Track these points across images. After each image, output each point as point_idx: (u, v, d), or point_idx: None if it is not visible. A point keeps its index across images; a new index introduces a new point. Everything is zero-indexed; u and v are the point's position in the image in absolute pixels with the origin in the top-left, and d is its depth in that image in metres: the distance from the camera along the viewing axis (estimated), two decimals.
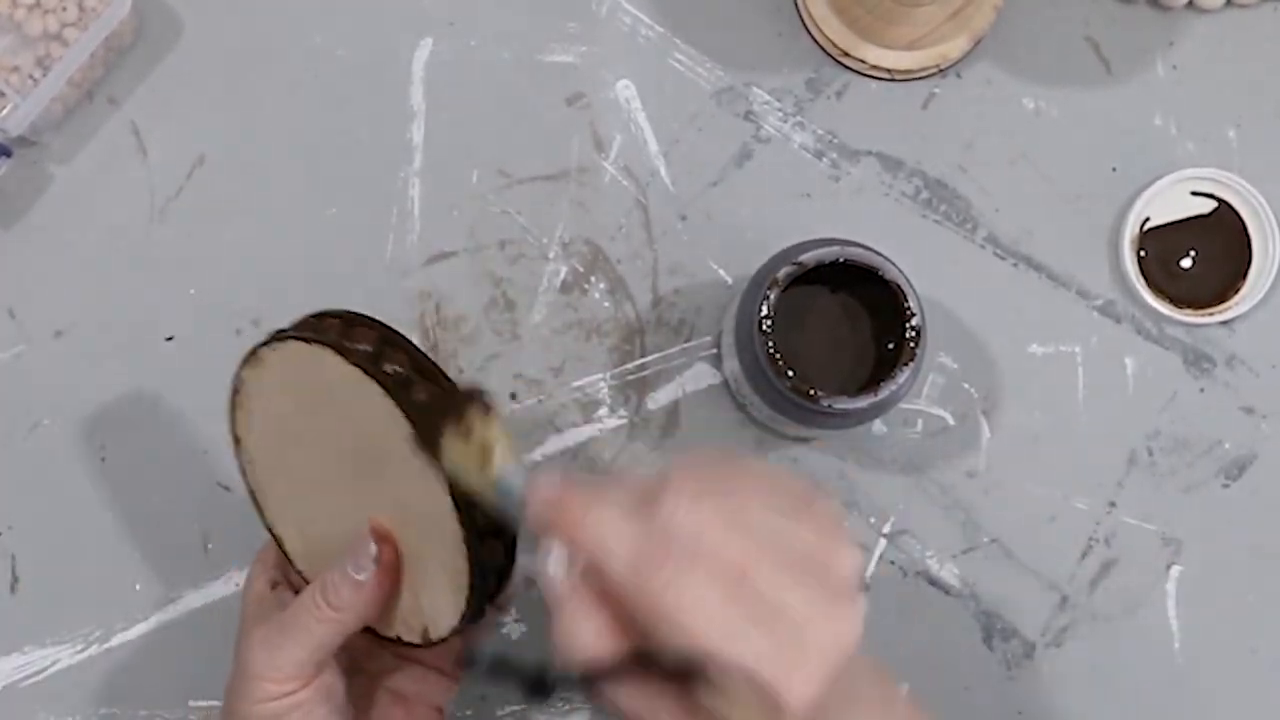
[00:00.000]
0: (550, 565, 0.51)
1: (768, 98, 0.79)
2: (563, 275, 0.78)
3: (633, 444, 0.77)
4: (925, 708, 0.56)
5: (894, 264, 0.68)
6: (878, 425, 0.78)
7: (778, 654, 0.49)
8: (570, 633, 0.50)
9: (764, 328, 0.68)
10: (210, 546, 0.76)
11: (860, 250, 0.68)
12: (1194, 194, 0.79)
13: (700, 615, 0.48)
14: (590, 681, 0.50)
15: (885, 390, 0.67)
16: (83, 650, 0.76)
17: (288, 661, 0.60)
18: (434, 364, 0.61)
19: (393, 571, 0.61)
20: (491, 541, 0.59)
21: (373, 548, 0.60)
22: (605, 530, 0.50)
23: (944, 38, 0.78)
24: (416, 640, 0.62)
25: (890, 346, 0.71)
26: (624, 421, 0.78)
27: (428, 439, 0.56)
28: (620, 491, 0.51)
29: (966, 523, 0.78)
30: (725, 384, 0.78)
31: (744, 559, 0.49)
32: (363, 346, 0.60)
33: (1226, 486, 0.79)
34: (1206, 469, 0.79)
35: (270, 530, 0.65)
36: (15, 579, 0.76)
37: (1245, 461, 0.79)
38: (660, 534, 0.49)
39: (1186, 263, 0.79)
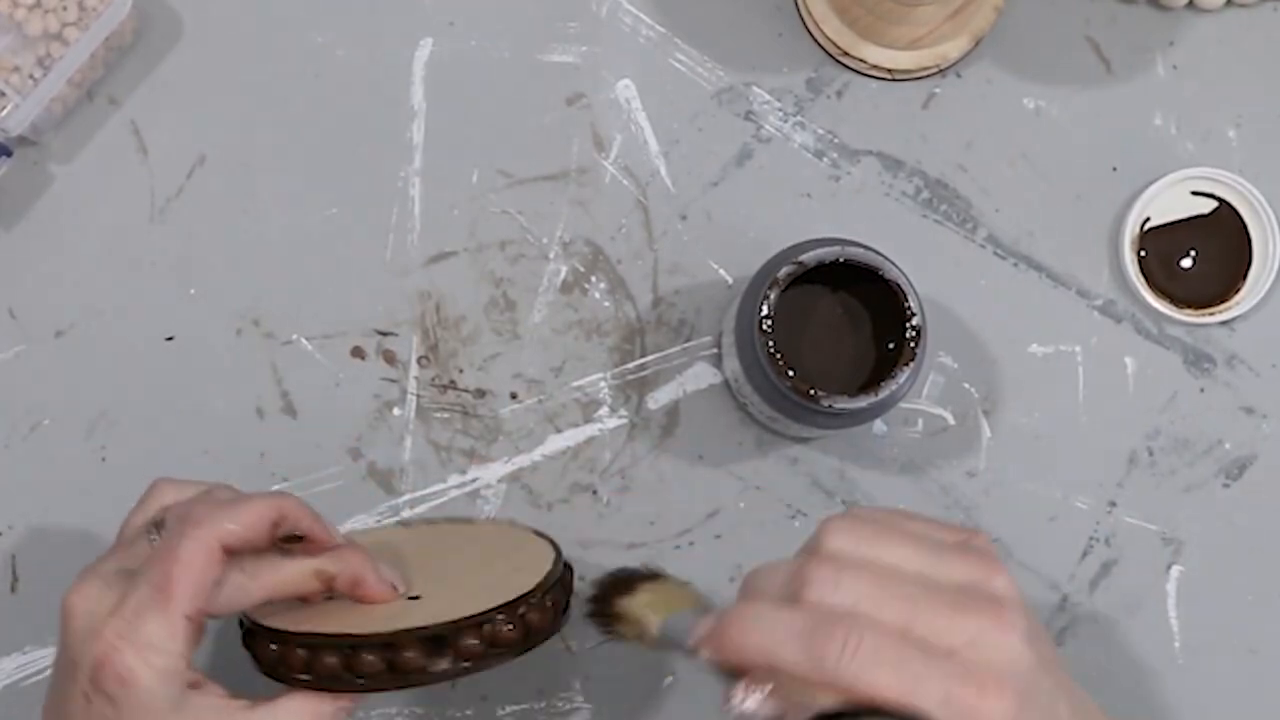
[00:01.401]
0: (745, 704, 0.52)
1: (768, 98, 0.79)
2: (563, 275, 0.78)
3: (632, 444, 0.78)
4: None
5: (894, 264, 0.68)
6: (878, 425, 0.78)
7: (961, 687, 0.50)
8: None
9: (764, 327, 0.68)
10: None
11: (860, 250, 0.68)
12: (1194, 194, 0.79)
13: (880, 674, 0.50)
14: None
15: (885, 390, 0.67)
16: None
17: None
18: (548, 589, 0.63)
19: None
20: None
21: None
22: (765, 636, 0.52)
23: (944, 38, 0.78)
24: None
25: (890, 346, 0.71)
26: (624, 421, 0.78)
27: (605, 629, 0.62)
28: (768, 590, 0.54)
29: (966, 522, 0.78)
30: (725, 384, 0.78)
31: (901, 612, 0.51)
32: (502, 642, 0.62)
33: (1227, 486, 0.79)
34: (1206, 469, 0.79)
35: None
36: (15, 579, 0.76)
37: (1245, 461, 0.79)
38: (818, 614, 0.51)
39: (1186, 263, 0.79)
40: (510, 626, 0.61)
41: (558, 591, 0.65)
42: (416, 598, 0.64)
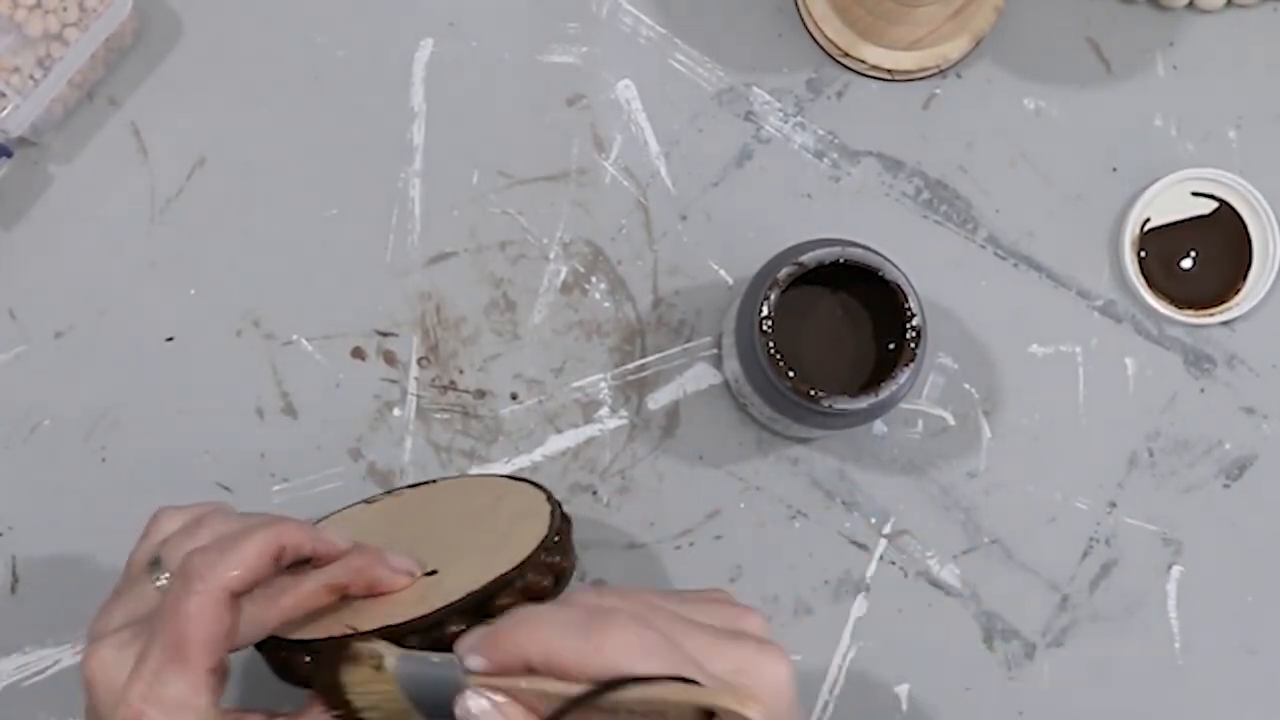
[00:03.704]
0: (473, 709, 0.52)
1: (768, 98, 0.79)
2: (563, 276, 0.78)
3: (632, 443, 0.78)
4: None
5: (894, 264, 0.68)
6: (878, 425, 0.78)
7: (732, 681, 0.50)
8: None
9: (764, 328, 0.68)
10: None
11: (860, 250, 0.68)
12: (1194, 194, 0.79)
13: (654, 664, 0.50)
14: None
15: (885, 390, 0.67)
16: (83, 650, 0.76)
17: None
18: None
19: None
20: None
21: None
22: (544, 629, 0.51)
23: (944, 38, 0.78)
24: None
25: (890, 346, 0.71)
26: (624, 422, 0.78)
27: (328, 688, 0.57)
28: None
29: (966, 523, 0.78)
30: (725, 384, 0.78)
31: (668, 627, 0.52)
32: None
33: (1227, 486, 0.79)
34: (1206, 469, 0.79)
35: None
36: (15, 579, 0.76)
37: (1245, 461, 0.79)
38: (592, 610, 0.52)
39: (1187, 263, 0.79)
40: (541, 577, 0.61)
41: (565, 527, 0.64)
42: (434, 573, 0.63)
